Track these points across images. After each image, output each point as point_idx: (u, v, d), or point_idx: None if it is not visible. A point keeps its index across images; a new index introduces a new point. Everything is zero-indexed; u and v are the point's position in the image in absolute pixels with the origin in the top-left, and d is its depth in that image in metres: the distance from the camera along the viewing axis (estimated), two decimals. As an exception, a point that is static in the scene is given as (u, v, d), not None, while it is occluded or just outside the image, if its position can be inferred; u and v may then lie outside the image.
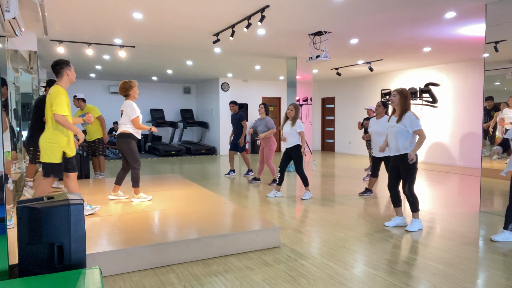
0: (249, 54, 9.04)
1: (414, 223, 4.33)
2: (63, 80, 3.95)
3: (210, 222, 3.94)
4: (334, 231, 4.29)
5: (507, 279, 3.01)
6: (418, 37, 7.19)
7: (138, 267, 3.18)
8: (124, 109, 4.78)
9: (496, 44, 5.05)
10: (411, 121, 4.13)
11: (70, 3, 5.24)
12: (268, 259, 3.43)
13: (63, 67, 3.92)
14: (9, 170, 3.46)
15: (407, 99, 4.22)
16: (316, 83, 15.01)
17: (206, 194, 5.53)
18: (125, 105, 4.81)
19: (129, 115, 4.72)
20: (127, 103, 4.79)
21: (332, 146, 14.79)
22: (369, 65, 9.98)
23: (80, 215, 2.45)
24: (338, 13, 5.71)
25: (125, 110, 4.76)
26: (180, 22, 6.20)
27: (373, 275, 3.07)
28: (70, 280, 2.12)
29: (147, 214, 4.30)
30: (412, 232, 4.24)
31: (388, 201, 5.83)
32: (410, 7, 5.39)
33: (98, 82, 14.07)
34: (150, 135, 14.36)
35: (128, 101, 4.81)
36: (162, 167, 9.94)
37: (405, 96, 4.21)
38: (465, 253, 3.59)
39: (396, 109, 4.30)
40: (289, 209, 5.35)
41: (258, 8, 5.47)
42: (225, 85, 13.58)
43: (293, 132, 5.89)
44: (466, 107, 9.93)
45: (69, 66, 3.98)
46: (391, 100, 4.31)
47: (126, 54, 8.72)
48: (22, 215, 2.33)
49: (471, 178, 8.07)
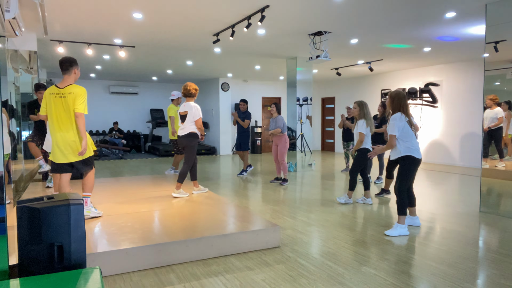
0: (249, 54, 9.04)
1: (396, 228, 4.11)
2: (70, 78, 3.93)
3: (210, 222, 3.94)
4: (334, 231, 4.29)
5: (507, 279, 3.01)
6: (418, 37, 7.19)
7: (138, 267, 3.18)
8: (188, 111, 4.96)
9: (496, 44, 5.05)
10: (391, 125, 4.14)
11: (70, 3, 5.24)
12: (268, 259, 3.43)
13: (73, 65, 3.92)
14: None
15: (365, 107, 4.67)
16: (316, 83, 15.00)
17: (206, 194, 5.53)
18: (189, 107, 4.98)
19: (193, 116, 4.93)
20: (192, 105, 4.99)
21: (332, 146, 14.79)
22: (369, 65, 9.99)
23: (80, 215, 2.45)
24: (338, 13, 5.71)
25: (189, 112, 4.95)
26: (180, 22, 6.20)
27: (373, 275, 3.07)
28: (70, 280, 2.11)
29: (147, 214, 4.30)
30: (390, 237, 4.03)
31: (388, 202, 5.83)
32: (410, 7, 5.39)
33: (98, 82, 14.07)
34: (150, 135, 14.35)
35: (193, 103, 5.01)
36: (162, 167, 9.94)
37: (393, 98, 4.18)
38: (465, 253, 3.59)
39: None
40: (289, 208, 5.35)
41: (258, 8, 5.47)
42: (225, 85, 13.58)
43: (356, 132, 5.51)
44: (466, 107, 9.93)
45: (77, 65, 4.00)
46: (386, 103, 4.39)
47: (126, 54, 8.72)
48: (22, 215, 2.33)
49: (471, 178, 8.07)
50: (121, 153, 12.53)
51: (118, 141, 13.13)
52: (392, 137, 4.08)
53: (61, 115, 3.86)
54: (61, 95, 3.85)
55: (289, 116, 9.67)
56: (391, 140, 4.09)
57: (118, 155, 12.37)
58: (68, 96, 3.84)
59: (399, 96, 4.17)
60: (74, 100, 3.83)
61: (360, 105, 5.44)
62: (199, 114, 5.03)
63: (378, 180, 7.48)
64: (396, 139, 4.10)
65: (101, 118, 14.01)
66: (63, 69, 3.91)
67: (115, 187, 6.15)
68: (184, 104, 5.13)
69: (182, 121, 5.10)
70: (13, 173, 5.42)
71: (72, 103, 3.83)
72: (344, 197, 5.62)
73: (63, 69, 3.91)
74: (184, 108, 5.09)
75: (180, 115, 5.13)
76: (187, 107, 5.06)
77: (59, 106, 3.86)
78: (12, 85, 6.06)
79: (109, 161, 11.56)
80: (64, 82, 3.91)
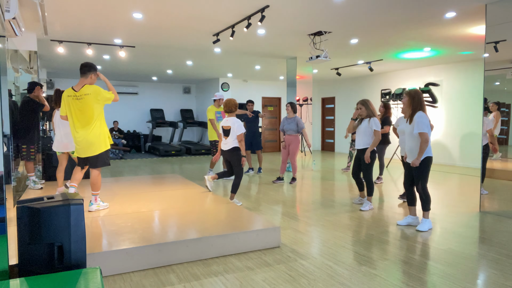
0: (249, 54, 9.04)
1: (424, 223, 4.34)
2: (86, 81, 4.34)
3: (210, 222, 3.94)
4: (334, 231, 4.29)
5: (507, 279, 3.01)
6: (418, 37, 7.19)
7: (138, 267, 3.18)
8: (231, 126, 5.24)
9: (496, 44, 5.05)
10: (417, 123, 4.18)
11: (70, 3, 5.24)
12: (268, 259, 3.43)
13: (91, 70, 4.36)
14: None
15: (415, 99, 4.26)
16: (316, 83, 15.00)
17: (206, 194, 5.53)
18: (232, 122, 5.27)
19: (236, 131, 5.22)
20: (235, 120, 5.28)
21: (332, 146, 14.79)
22: (369, 65, 9.98)
23: (80, 215, 2.45)
24: (338, 13, 5.71)
25: (232, 126, 5.24)
26: (180, 22, 6.20)
27: (373, 275, 3.07)
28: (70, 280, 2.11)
29: (147, 214, 4.30)
30: (422, 232, 4.24)
31: (388, 202, 5.83)
32: (410, 7, 5.39)
33: (98, 82, 14.00)
34: (150, 135, 14.36)
35: (235, 118, 5.32)
36: (162, 167, 9.94)
37: (413, 97, 4.26)
38: (465, 253, 3.59)
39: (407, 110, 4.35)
40: (289, 209, 5.35)
41: (258, 8, 5.47)
42: (225, 85, 13.58)
43: (366, 130, 5.22)
44: (466, 107, 9.93)
45: (95, 71, 4.43)
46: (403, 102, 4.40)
47: (126, 54, 8.72)
48: (22, 215, 2.33)
49: (471, 178, 8.07)
50: (121, 153, 12.53)
51: (118, 141, 13.13)
52: (425, 135, 4.11)
53: (78, 116, 4.28)
54: (78, 97, 4.26)
55: (289, 116, 9.67)
56: (425, 137, 4.11)
57: (118, 155, 12.37)
58: (85, 97, 4.25)
59: (418, 95, 4.26)
60: (96, 98, 4.25)
61: (365, 103, 5.29)
62: (242, 130, 5.31)
63: (378, 180, 7.48)
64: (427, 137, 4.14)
65: (101, 118, 14.00)
66: (81, 72, 4.33)
67: (115, 187, 6.15)
68: (227, 119, 5.39)
69: (225, 135, 5.39)
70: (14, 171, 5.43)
71: (95, 101, 4.25)
72: (367, 204, 5.31)
73: (81, 73, 4.34)
74: (227, 123, 5.34)
75: (223, 129, 5.41)
76: (229, 122, 5.33)
77: (76, 108, 4.27)
78: (12, 85, 6.06)
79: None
80: (79, 84, 4.32)
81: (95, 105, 4.26)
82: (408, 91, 4.35)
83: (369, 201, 5.34)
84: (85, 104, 4.24)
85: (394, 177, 8.23)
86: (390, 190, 6.79)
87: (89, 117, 4.26)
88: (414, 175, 4.29)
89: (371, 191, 5.31)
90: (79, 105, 4.25)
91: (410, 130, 4.26)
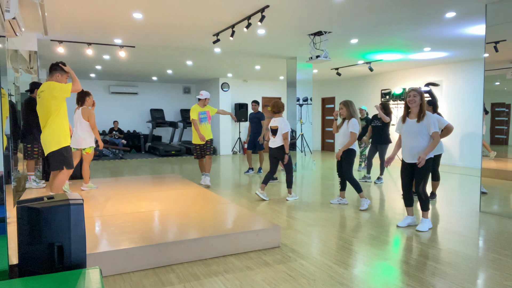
0: (249, 54, 9.04)
1: (424, 223, 4.34)
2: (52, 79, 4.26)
3: (210, 222, 3.94)
4: (334, 231, 4.29)
5: (507, 279, 3.01)
6: (418, 37, 7.19)
7: (138, 267, 3.18)
8: (279, 125, 5.60)
9: (496, 44, 5.05)
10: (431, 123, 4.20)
11: (70, 3, 5.24)
12: (268, 259, 3.43)
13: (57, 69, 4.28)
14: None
15: (423, 99, 4.25)
16: (316, 83, 15.00)
17: (206, 194, 5.53)
18: (279, 121, 5.63)
19: (282, 130, 5.56)
20: (282, 120, 5.64)
21: (332, 146, 14.79)
22: (369, 65, 9.98)
23: (80, 215, 2.44)
24: (338, 13, 5.71)
25: (280, 126, 5.59)
26: (180, 22, 6.20)
27: (373, 275, 3.07)
28: (70, 280, 2.11)
29: (147, 214, 4.30)
30: (422, 232, 4.24)
31: (388, 202, 5.83)
32: (410, 7, 5.39)
33: (98, 82, 14.07)
34: (150, 135, 14.36)
35: (282, 118, 5.69)
36: (162, 167, 9.94)
37: (422, 96, 4.23)
38: (465, 253, 3.59)
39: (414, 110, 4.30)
40: (290, 209, 5.35)
41: (258, 8, 5.47)
42: (225, 85, 13.58)
43: (346, 132, 5.28)
44: (466, 107, 9.92)
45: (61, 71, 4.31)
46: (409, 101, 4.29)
47: (126, 54, 8.72)
48: (22, 215, 2.33)
49: (471, 178, 8.07)
50: (121, 153, 12.53)
51: (118, 141, 13.13)
52: (437, 134, 4.17)
53: (40, 114, 4.28)
54: (39, 96, 4.27)
55: (289, 116, 9.68)
56: (438, 137, 4.15)
57: (118, 155, 12.37)
58: (41, 95, 4.23)
59: (423, 94, 4.28)
60: (51, 93, 4.14)
61: (346, 104, 5.30)
62: (288, 128, 5.62)
63: (378, 180, 7.48)
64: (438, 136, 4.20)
65: (101, 118, 14.00)
66: (49, 72, 4.32)
67: (115, 187, 6.15)
68: (274, 119, 5.76)
69: (273, 134, 5.72)
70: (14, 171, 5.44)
71: (51, 97, 4.14)
72: (364, 201, 5.34)
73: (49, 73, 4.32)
74: (275, 123, 5.71)
75: (271, 128, 5.72)
76: (277, 122, 5.69)
77: (38, 107, 4.28)
78: (12, 85, 6.06)
79: (109, 161, 11.56)
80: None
81: (51, 101, 4.17)
82: (415, 88, 4.31)
83: (363, 198, 5.33)
84: (43, 101, 4.20)
85: (394, 177, 8.23)
86: (390, 190, 6.79)
87: (47, 113, 4.21)
88: (416, 175, 4.26)
89: (359, 188, 5.27)
90: (39, 103, 4.25)
91: (419, 129, 4.18)
